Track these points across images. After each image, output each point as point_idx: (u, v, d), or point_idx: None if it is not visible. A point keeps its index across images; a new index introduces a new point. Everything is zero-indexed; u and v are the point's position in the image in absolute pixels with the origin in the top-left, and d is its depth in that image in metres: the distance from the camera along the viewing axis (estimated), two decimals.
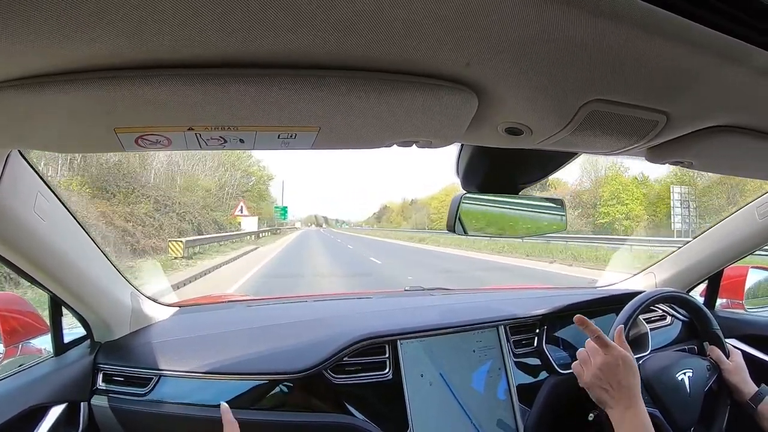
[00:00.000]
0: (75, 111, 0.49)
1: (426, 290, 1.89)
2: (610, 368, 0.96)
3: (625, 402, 0.93)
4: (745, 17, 0.40)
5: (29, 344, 1.17)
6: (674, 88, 0.53)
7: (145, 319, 1.30)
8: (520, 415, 1.29)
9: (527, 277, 11.99)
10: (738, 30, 0.41)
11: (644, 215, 29.19)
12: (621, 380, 0.95)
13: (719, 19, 0.40)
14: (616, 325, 1.11)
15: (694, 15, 0.39)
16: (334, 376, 1.18)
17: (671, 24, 0.39)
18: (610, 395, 0.95)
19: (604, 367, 0.96)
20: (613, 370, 0.96)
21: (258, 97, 0.48)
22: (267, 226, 40.93)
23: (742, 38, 0.42)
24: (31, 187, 0.80)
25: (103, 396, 1.13)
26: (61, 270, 0.94)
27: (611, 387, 0.95)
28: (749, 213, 1.42)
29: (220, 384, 1.14)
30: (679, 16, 0.39)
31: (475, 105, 0.55)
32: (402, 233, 52.19)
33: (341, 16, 0.38)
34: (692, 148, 0.70)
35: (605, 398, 0.96)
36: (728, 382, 1.22)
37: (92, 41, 0.39)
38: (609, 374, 0.96)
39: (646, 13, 0.38)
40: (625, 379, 0.95)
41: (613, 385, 0.95)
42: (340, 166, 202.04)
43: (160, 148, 0.60)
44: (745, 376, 1.21)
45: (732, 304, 1.72)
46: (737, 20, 0.40)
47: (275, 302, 1.69)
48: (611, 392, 0.95)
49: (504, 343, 1.35)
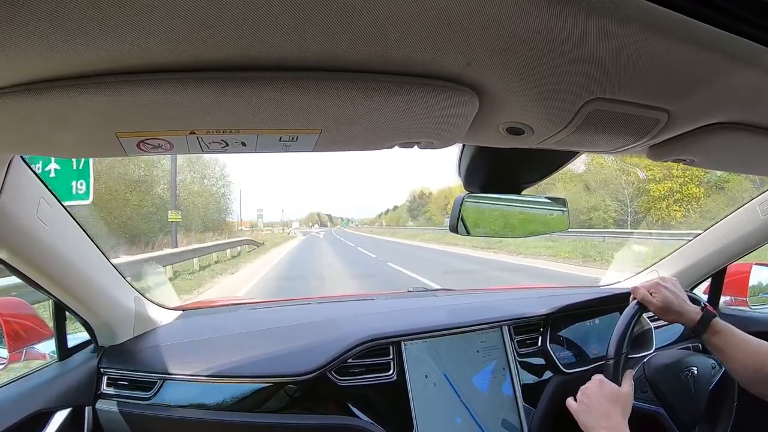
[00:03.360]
0: (77, 116, 0.49)
1: (429, 291, 1.89)
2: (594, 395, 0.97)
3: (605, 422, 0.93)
4: (750, 16, 0.40)
5: (33, 349, 1.17)
6: (676, 86, 0.52)
7: (149, 323, 1.30)
8: (524, 415, 1.28)
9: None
10: (743, 28, 0.41)
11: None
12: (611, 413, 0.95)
13: (723, 17, 0.40)
14: (616, 332, 1.10)
15: (697, 14, 0.39)
16: (339, 378, 1.18)
17: (674, 23, 0.39)
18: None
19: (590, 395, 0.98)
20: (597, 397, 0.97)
21: (259, 100, 0.48)
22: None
23: (747, 37, 0.42)
24: (33, 192, 0.80)
25: (107, 400, 1.13)
26: (64, 275, 0.94)
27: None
28: (752, 210, 1.42)
29: (224, 387, 1.14)
30: (683, 15, 0.38)
31: (476, 105, 0.55)
32: (427, 233, 40.12)
33: (342, 19, 0.37)
34: (694, 145, 0.70)
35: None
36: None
37: (94, 47, 0.39)
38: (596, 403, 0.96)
39: (648, 12, 0.38)
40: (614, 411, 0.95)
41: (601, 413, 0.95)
42: (341, 162, 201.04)
43: (161, 152, 0.60)
44: (681, 306, 1.09)
45: (736, 302, 1.72)
46: (742, 19, 0.40)
47: (279, 305, 1.69)
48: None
49: (508, 343, 1.34)
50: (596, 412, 0.95)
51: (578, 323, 1.46)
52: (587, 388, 1.00)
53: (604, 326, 1.46)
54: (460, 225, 1.04)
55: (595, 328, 1.47)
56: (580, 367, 1.37)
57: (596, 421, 0.93)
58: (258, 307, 1.67)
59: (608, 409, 0.94)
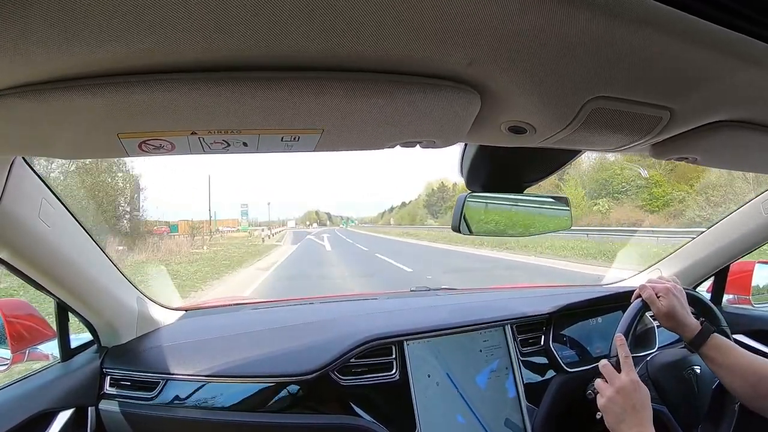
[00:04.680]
0: (78, 117, 0.49)
1: (431, 290, 1.88)
2: (626, 392, 0.97)
3: (637, 427, 0.94)
4: (752, 13, 0.40)
5: (36, 350, 1.17)
6: (678, 84, 0.52)
7: (152, 323, 1.30)
8: (527, 414, 1.28)
9: None
10: (745, 26, 0.41)
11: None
12: (635, 404, 0.95)
13: (725, 15, 0.39)
14: (620, 328, 1.10)
15: (699, 11, 0.38)
16: (342, 378, 1.18)
17: (676, 21, 0.39)
18: (623, 418, 0.96)
19: (621, 390, 0.97)
20: (629, 394, 0.96)
21: (261, 101, 0.48)
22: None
23: (750, 34, 0.42)
24: (35, 193, 0.80)
25: (110, 400, 1.13)
26: (67, 275, 0.95)
27: (625, 410, 0.96)
28: (754, 208, 1.42)
29: (227, 387, 1.15)
30: (685, 13, 0.38)
31: (478, 104, 0.55)
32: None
33: (343, 18, 0.37)
34: (697, 143, 0.69)
35: (617, 423, 0.96)
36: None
37: (95, 48, 0.39)
38: (625, 397, 0.96)
39: (650, 10, 0.38)
40: (639, 402, 0.96)
41: (627, 408, 0.96)
42: (339, 158, 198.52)
43: (163, 153, 0.60)
44: (683, 318, 1.09)
45: (739, 300, 1.72)
46: (744, 16, 0.40)
47: (282, 305, 1.69)
48: (625, 415, 0.95)
49: (510, 342, 1.34)
50: (631, 419, 0.95)
51: (581, 322, 1.46)
52: (623, 387, 0.98)
53: (607, 325, 1.46)
54: (463, 224, 1.04)
55: (597, 326, 1.47)
56: (583, 366, 1.37)
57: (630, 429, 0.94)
58: (260, 307, 1.67)
59: (641, 416, 0.95)
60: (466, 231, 1.04)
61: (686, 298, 1.12)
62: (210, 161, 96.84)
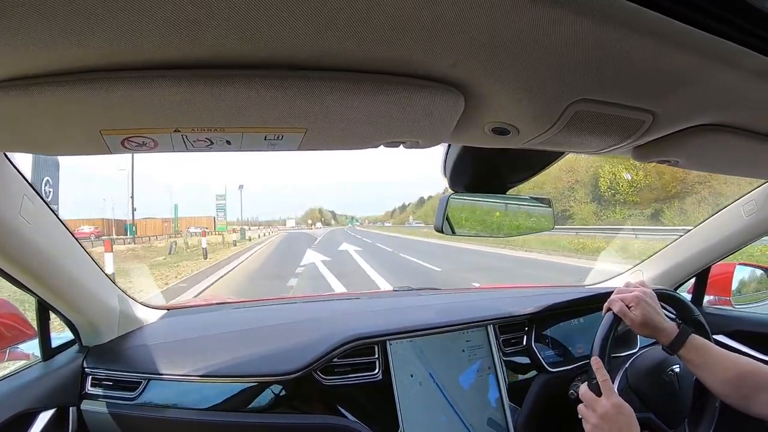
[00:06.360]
0: (61, 113, 0.49)
1: (414, 290, 1.89)
2: (610, 417, 0.95)
3: None
4: (731, 17, 0.41)
5: (17, 349, 1.16)
6: (660, 88, 0.53)
7: (134, 323, 1.29)
8: (510, 414, 1.29)
9: None
10: (724, 30, 0.42)
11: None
12: (621, 427, 0.94)
13: (706, 19, 0.40)
14: (595, 349, 1.08)
15: (680, 15, 0.39)
16: (324, 378, 1.18)
17: (658, 25, 0.40)
18: None
19: (604, 416, 0.96)
20: (613, 418, 0.95)
21: (244, 99, 0.48)
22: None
23: (729, 38, 0.42)
24: (16, 190, 0.80)
25: (92, 400, 1.12)
26: (48, 273, 0.93)
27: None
28: (735, 211, 1.44)
29: (209, 387, 1.14)
30: (666, 17, 0.39)
31: (462, 105, 0.55)
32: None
33: (328, 18, 0.38)
34: (679, 146, 0.71)
35: None
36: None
37: (79, 43, 0.39)
38: (610, 423, 0.95)
39: (632, 14, 0.38)
40: (625, 425, 0.94)
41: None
42: (342, 158, 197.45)
43: (146, 150, 0.60)
44: (659, 324, 1.07)
45: (720, 301, 1.74)
46: (723, 20, 0.41)
47: (264, 304, 1.68)
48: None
49: (493, 342, 1.35)
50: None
51: (563, 322, 1.47)
52: (606, 413, 0.96)
53: (589, 325, 1.47)
54: (446, 225, 1.04)
55: (579, 327, 1.48)
56: (565, 366, 1.39)
57: None
58: (243, 306, 1.66)
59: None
60: (449, 231, 1.05)
61: (658, 301, 1.11)
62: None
